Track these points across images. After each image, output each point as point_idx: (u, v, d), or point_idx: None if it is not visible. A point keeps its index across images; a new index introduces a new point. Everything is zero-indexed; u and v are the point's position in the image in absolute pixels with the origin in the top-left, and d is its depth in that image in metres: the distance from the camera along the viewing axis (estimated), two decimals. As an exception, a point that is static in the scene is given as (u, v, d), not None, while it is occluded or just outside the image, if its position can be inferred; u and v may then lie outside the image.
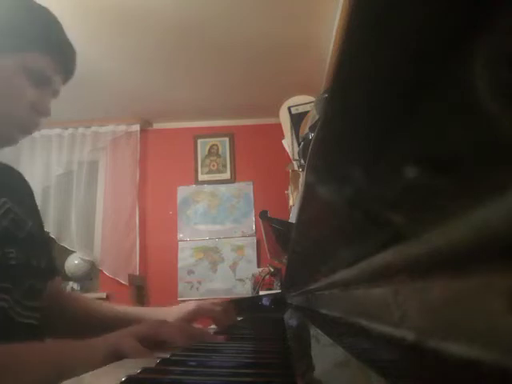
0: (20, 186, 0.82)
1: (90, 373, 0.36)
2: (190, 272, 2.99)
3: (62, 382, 0.34)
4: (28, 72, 0.69)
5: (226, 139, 3.24)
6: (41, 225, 0.83)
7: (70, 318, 0.82)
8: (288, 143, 1.71)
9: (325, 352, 0.28)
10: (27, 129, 0.73)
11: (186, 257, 3.02)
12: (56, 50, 0.73)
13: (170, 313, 0.80)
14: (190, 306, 0.82)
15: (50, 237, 0.87)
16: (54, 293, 0.81)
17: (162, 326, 0.54)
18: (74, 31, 2.29)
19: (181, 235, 3.07)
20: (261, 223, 1.36)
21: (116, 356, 0.46)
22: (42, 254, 0.76)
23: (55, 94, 0.77)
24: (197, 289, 2.96)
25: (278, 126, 1.89)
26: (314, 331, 0.36)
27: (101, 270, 2.98)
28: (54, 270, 0.84)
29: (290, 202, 2.11)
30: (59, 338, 0.82)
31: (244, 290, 2.86)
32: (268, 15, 2.13)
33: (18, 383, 0.46)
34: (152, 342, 0.51)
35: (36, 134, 3.08)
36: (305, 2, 2.04)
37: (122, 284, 2.88)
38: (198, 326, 0.81)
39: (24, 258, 0.68)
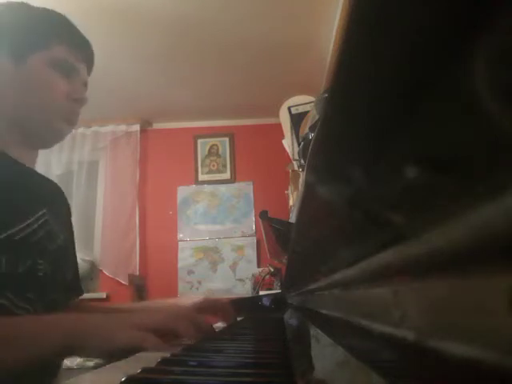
0: (58, 200, 0.85)
1: (90, 373, 0.36)
2: (190, 272, 2.99)
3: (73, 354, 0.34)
4: (56, 65, 0.75)
5: (226, 139, 3.24)
6: (72, 241, 0.85)
7: None
8: (288, 143, 1.71)
9: (325, 352, 0.28)
10: (70, 119, 0.78)
11: (185, 257, 3.02)
12: (74, 41, 0.79)
13: (179, 303, 0.83)
14: (197, 298, 0.85)
15: (76, 255, 0.89)
16: (74, 309, 0.82)
17: (178, 320, 0.56)
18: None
19: (181, 235, 3.06)
20: (261, 223, 1.36)
21: (133, 349, 0.48)
22: (69, 270, 0.78)
23: (85, 83, 0.82)
24: (197, 289, 2.96)
25: (278, 126, 1.89)
26: (314, 331, 0.36)
27: (101, 270, 2.98)
28: (78, 289, 0.86)
29: (290, 202, 2.11)
30: None
31: (244, 290, 2.86)
32: (268, 15, 2.13)
33: (25, 353, 0.47)
34: (166, 333, 0.53)
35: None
36: (305, 2, 2.04)
37: (122, 284, 2.88)
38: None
39: (51, 271, 0.69)
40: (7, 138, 0.72)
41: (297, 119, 1.51)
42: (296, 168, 1.65)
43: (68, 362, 2.27)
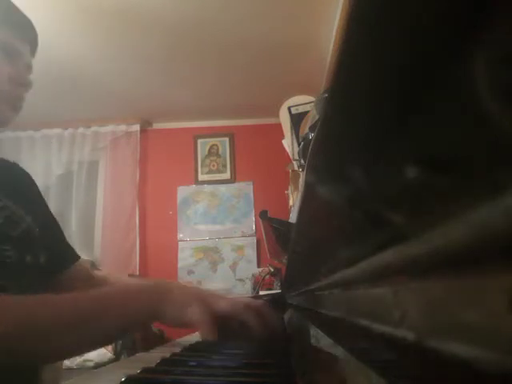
0: (20, 182, 0.82)
1: (90, 373, 0.36)
2: (190, 272, 2.99)
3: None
4: None
5: (226, 139, 3.24)
6: (46, 219, 0.83)
7: None
8: (288, 143, 1.71)
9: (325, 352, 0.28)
10: (14, 104, 0.74)
11: (185, 257, 3.02)
12: (15, 21, 0.75)
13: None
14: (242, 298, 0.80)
15: (60, 229, 0.87)
16: (74, 280, 0.81)
17: (249, 311, 0.56)
18: (73, 32, 2.28)
19: (181, 235, 3.07)
20: (261, 223, 1.36)
21: (186, 325, 0.50)
22: (41, 251, 0.75)
23: (28, 66, 0.78)
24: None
25: (278, 126, 1.89)
26: (314, 331, 0.36)
27: (101, 270, 2.98)
28: (71, 257, 0.85)
29: (290, 202, 2.11)
30: None
31: (244, 290, 2.86)
32: (268, 15, 2.13)
33: (116, 322, 0.50)
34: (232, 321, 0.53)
35: (36, 134, 3.08)
36: (305, 2, 2.04)
37: (121, 284, 2.88)
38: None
39: (18, 256, 0.68)
40: None
41: (297, 119, 1.51)
42: (296, 168, 1.65)
43: (68, 362, 2.27)
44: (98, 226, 3.07)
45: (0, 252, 0.64)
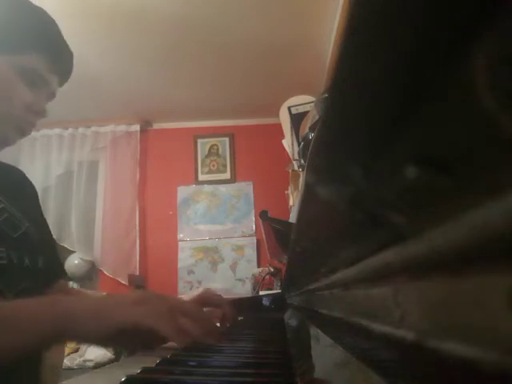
0: (20, 185, 0.81)
1: (90, 372, 0.36)
2: (190, 272, 2.99)
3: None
4: (23, 73, 0.69)
5: (226, 139, 3.24)
6: (43, 225, 0.81)
7: None
8: (288, 143, 1.71)
9: (325, 352, 0.28)
10: (23, 129, 0.73)
11: (186, 257, 3.02)
12: (52, 51, 0.73)
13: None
14: (196, 291, 0.79)
15: (53, 239, 0.83)
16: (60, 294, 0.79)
17: (162, 316, 0.48)
18: (73, 31, 2.28)
19: (181, 235, 3.06)
20: (261, 223, 1.36)
21: (135, 329, 0.44)
22: (39, 255, 0.74)
23: (51, 96, 0.76)
24: (197, 289, 2.96)
25: (278, 126, 1.89)
26: (314, 331, 0.36)
27: (101, 270, 2.98)
28: (57, 273, 0.82)
29: (290, 202, 2.11)
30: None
31: (244, 290, 2.86)
32: (268, 15, 2.13)
33: (6, 340, 0.43)
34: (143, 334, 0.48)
35: (36, 134, 3.07)
36: (305, 2, 2.04)
37: (122, 284, 2.88)
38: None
39: (16, 258, 0.67)
40: None
41: (297, 119, 1.51)
42: (296, 168, 1.65)
43: (68, 362, 2.27)
44: (98, 226, 3.07)
45: None
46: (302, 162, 1.20)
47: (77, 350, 2.40)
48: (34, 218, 0.78)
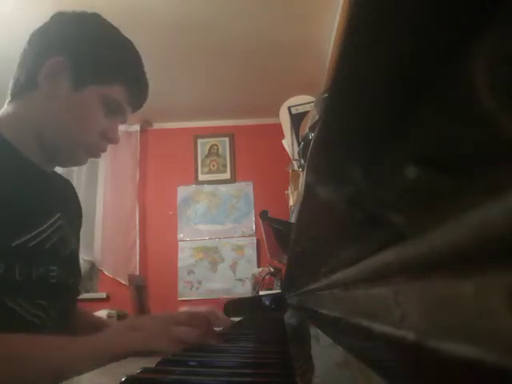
0: (72, 203, 0.83)
1: (90, 373, 0.36)
2: (190, 272, 2.99)
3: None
4: (105, 102, 0.71)
5: (226, 139, 3.24)
6: (79, 243, 0.83)
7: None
8: (288, 143, 1.71)
9: (325, 352, 0.28)
10: (94, 154, 0.75)
11: (186, 257, 3.02)
12: (136, 86, 0.75)
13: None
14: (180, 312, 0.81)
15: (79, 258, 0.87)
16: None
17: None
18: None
19: (181, 235, 3.07)
20: (261, 223, 1.36)
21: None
22: (79, 275, 0.76)
23: (124, 121, 0.79)
24: (197, 289, 2.96)
25: (278, 126, 1.89)
26: (314, 331, 0.36)
27: (101, 270, 2.98)
28: (79, 291, 0.83)
29: (290, 202, 2.11)
30: None
31: (244, 290, 2.86)
32: (268, 15, 2.13)
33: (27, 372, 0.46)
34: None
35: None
36: (305, 2, 2.04)
37: (122, 284, 2.88)
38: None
39: (64, 277, 0.68)
40: (31, 146, 0.69)
41: (297, 119, 1.51)
42: (296, 168, 1.65)
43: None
44: (98, 226, 3.07)
45: (47, 272, 0.64)
46: (302, 161, 1.20)
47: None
48: (78, 236, 0.80)
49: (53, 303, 0.65)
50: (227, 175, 3.18)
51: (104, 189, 3.12)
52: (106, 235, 3.02)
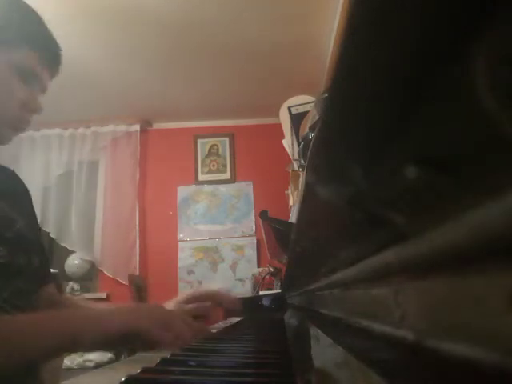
0: (12, 185, 0.81)
1: (90, 372, 0.36)
2: (190, 272, 2.99)
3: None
4: (17, 70, 0.69)
5: (226, 139, 3.24)
6: (35, 227, 0.81)
7: None
8: (288, 143, 1.71)
9: (325, 352, 0.28)
10: (18, 127, 0.73)
11: (186, 257, 3.02)
12: (43, 46, 0.73)
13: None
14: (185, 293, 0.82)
15: (42, 241, 0.84)
16: (48, 299, 0.78)
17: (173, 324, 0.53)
18: (73, 33, 2.28)
19: (181, 235, 3.07)
20: (261, 223, 1.36)
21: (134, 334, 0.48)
22: (34, 254, 0.74)
23: (44, 90, 0.77)
24: (197, 289, 2.96)
25: (278, 126, 1.89)
26: (314, 331, 0.36)
27: (101, 270, 2.98)
28: (46, 276, 0.81)
29: (290, 202, 2.11)
30: None
31: (244, 290, 2.86)
32: (268, 15, 2.13)
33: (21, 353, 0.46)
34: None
35: (36, 134, 3.08)
36: (305, 2, 2.04)
37: (121, 284, 2.87)
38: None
39: (11, 257, 0.67)
40: None
41: (297, 119, 1.52)
42: (296, 168, 1.65)
43: (68, 362, 2.27)
44: (98, 226, 3.07)
45: None
46: (302, 161, 1.20)
47: (77, 350, 2.40)
48: (27, 216, 0.77)
49: (3, 285, 0.64)
50: (227, 175, 3.18)
51: (104, 189, 3.12)
52: (105, 235, 3.02)
